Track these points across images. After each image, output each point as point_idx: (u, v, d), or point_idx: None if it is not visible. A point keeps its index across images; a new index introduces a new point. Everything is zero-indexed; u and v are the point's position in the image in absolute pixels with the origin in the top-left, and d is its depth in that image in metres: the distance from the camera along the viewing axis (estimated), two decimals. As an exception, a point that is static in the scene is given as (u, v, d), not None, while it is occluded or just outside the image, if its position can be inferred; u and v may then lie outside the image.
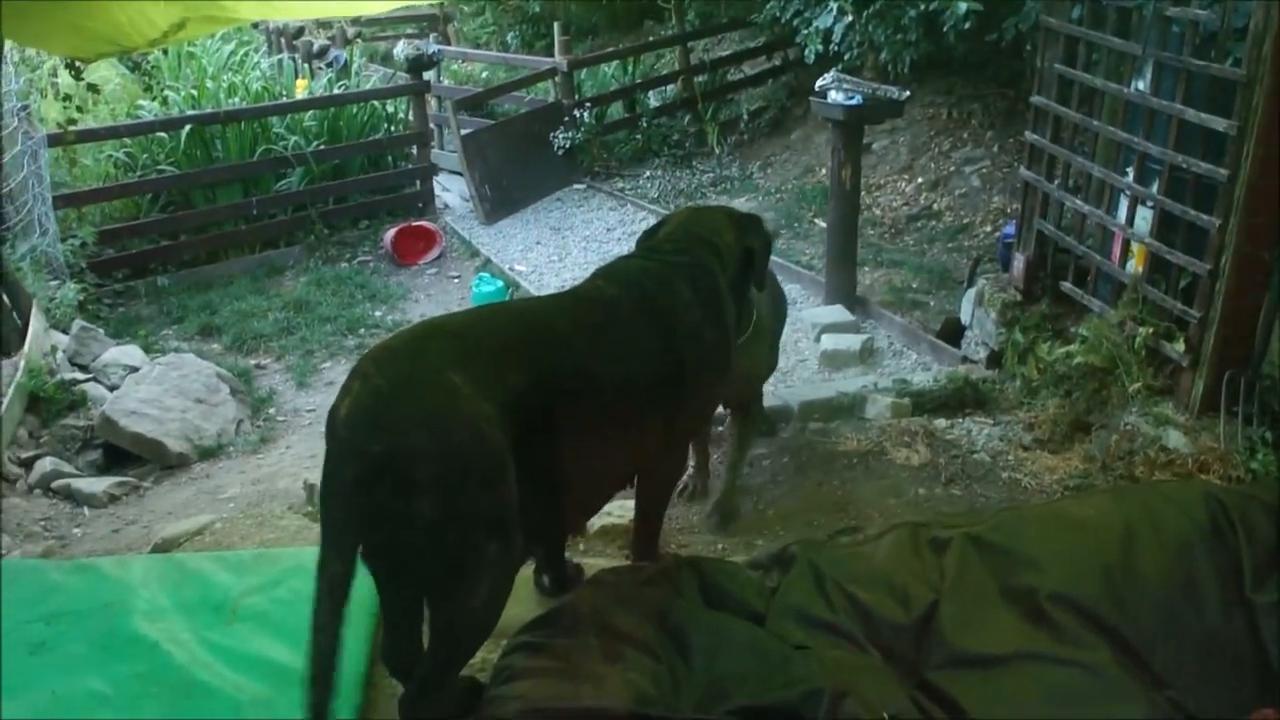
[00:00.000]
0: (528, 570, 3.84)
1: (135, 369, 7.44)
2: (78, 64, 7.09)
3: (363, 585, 3.00)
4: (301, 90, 13.22)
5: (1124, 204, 5.55)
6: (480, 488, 2.75)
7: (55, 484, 6.11)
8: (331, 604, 2.69)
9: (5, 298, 7.39)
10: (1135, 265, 5.45)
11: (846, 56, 9.74)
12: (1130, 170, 5.46)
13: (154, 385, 7.08)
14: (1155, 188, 5.22)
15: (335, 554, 2.70)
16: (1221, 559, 3.46)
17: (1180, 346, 5.05)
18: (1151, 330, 5.19)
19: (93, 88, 7.80)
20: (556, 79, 12.66)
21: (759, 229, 3.98)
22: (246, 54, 14.59)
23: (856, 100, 7.18)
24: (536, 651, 3.22)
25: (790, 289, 8.44)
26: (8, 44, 8.14)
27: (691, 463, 4.94)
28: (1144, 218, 5.38)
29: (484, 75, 16.05)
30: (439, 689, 2.96)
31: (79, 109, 8.22)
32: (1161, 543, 3.50)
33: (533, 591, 3.81)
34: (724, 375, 3.84)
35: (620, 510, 4.49)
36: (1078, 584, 3.44)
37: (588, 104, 12.57)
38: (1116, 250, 5.64)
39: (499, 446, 2.78)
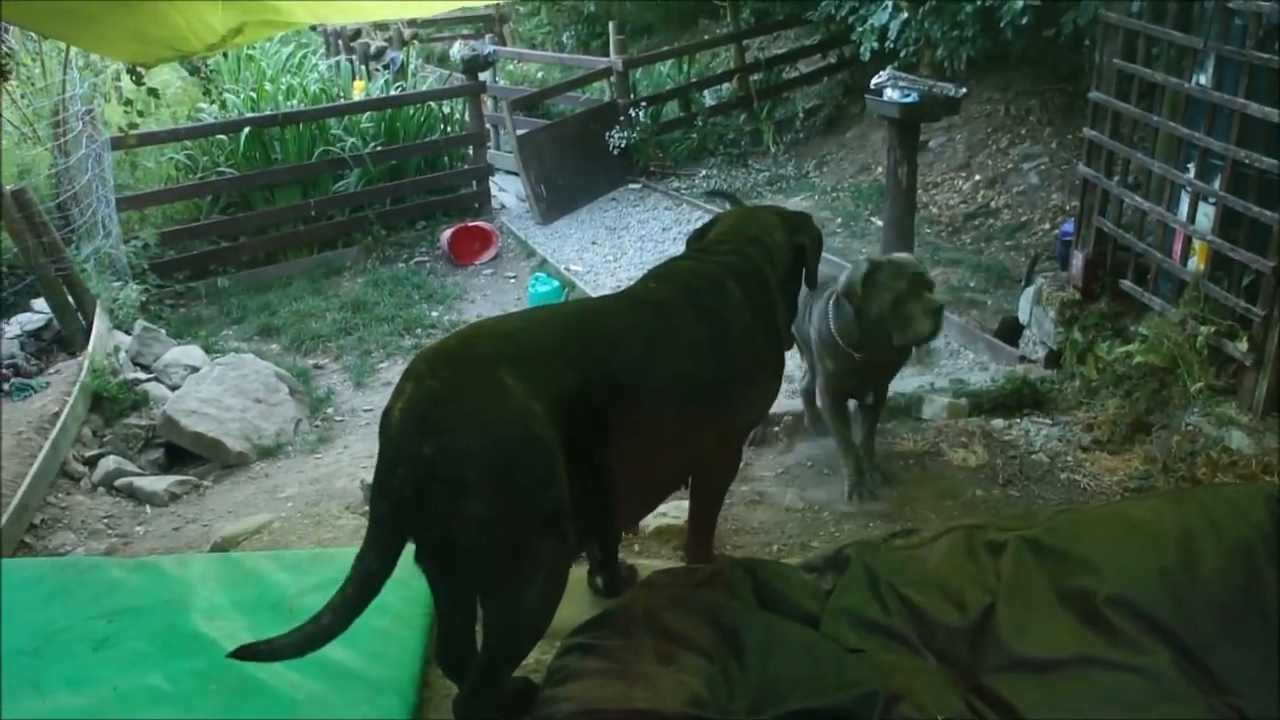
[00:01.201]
0: (581, 571, 3.85)
1: (196, 369, 7.55)
2: (139, 69, 7.20)
3: (419, 585, 3.03)
4: (359, 92, 13.34)
5: (1185, 200, 5.48)
6: (532, 487, 2.77)
7: (118, 482, 6.21)
8: (357, 597, 2.71)
9: (70, 298, 7.53)
10: (1197, 263, 5.37)
11: (902, 53, 9.70)
12: (1191, 166, 5.38)
13: (214, 385, 7.17)
14: (1217, 183, 5.14)
15: (376, 552, 2.73)
16: (1284, 563, 3.40)
17: (1243, 345, 4.97)
18: (1213, 329, 5.11)
19: (153, 92, 7.91)
20: (612, 78, 12.68)
21: (809, 227, 3.96)
22: (304, 56, 14.73)
23: (913, 98, 7.12)
24: (590, 653, 3.23)
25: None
26: (72, 50, 8.29)
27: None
28: (1205, 214, 5.30)
29: (539, 75, 16.15)
30: (493, 689, 2.98)
31: (140, 113, 8.35)
32: (1221, 545, 3.45)
33: (586, 593, 3.82)
34: (776, 376, 3.83)
35: (675, 511, 4.49)
36: (1135, 587, 3.39)
37: (643, 103, 12.58)
38: (1177, 247, 5.56)
39: (550, 446, 2.79)
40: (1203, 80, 5.23)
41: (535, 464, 2.77)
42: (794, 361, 6.51)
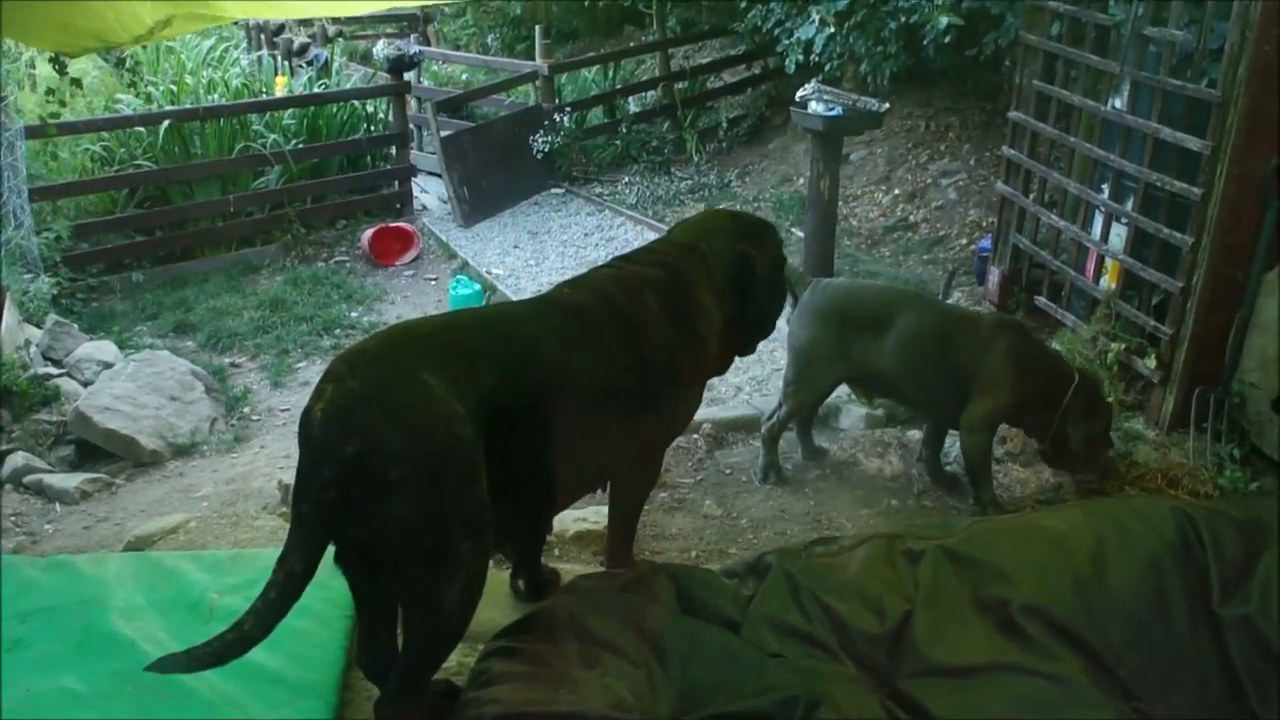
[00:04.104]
0: (504, 575, 3.86)
1: (109, 365, 7.40)
2: (63, 58, 7.06)
3: (340, 586, 3.02)
4: (281, 88, 13.17)
5: (1099, 220, 5.61)
6: (454, 487, 2.79)
7: (26, 479, 6.07)
8: (280, 602, 2.68)
9: (-21, 291, 7.36)
10: (1109, 281, 5.51)
11: (827, 67, 9.80)
12: (1106, 187, 5.52)
13: (128, 382, 7.05)
14: (1130, 205, 5.28)
15: (299, 554, 2.71)
16: (1189, 573, 3.51)
17: (1152, 363, 5.11)
18: (1124, 346, 5.25)
19: (76, 82, 7.76)
20: (537, 82, 12.65)
21: (762, 236, 3.98)
22: (226, 50, 14.49)
23: (837, 111, 7.20)
24: (513, 656, 3.24)
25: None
26: (-12, 36, 8.10)
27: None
28: (1118, 234, 5.44)
29: (464, 77, 16.03)
30: (414, 691, 2.98)
31: (61, 103, 8.18)
32: (1131, 556, 3.55)
33: (509, 596, 3.83)
34: (699, 385, 3.86)
35: (595, 516, 4.51)
36: (1048, 596, 3.48)
37: (568, 108, 12.55)
38: (1091, 266, 5.70)
39: (472, 447, 2.82)
40: (1118, 104, 5.37)
41: (458, 465, 2.79)
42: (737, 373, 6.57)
